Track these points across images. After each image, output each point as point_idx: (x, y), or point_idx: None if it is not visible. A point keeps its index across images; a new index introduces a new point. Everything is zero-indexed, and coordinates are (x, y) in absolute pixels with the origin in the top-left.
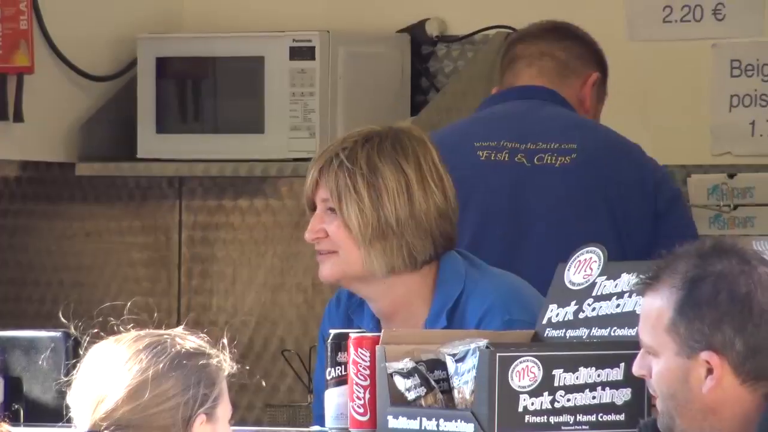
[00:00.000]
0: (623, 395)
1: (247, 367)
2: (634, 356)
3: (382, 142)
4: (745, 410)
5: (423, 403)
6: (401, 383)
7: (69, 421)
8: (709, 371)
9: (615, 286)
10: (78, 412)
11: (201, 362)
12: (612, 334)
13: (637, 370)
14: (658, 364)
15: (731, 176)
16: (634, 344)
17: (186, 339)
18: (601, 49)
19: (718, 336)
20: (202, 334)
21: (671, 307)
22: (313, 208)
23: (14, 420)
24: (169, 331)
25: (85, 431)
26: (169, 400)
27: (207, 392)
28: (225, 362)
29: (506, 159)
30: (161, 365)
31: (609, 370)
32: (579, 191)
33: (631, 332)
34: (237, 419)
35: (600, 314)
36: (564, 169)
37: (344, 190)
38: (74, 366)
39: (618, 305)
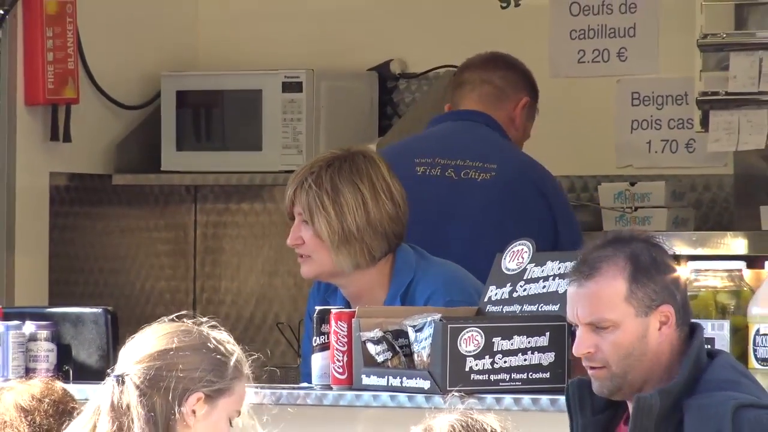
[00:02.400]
0: (548, 358)
1: (257, 354)
2: (557, 327)
3: (341, 166)
4: (674, 349)
5: (390, 364)
6: (372, 348)
7: None
8: (663, 322)
9: (542, 272)
10: (119, 365)
11: (218, 357)
12: (539, 309)
13: (583, 349)
14: (615, 333)
15: (632, 184)
16: (557, 317)
17: (215, 336)
18: (533, 77)
19: (666, 292)
20: (231, 343)
21: (625, 280)
22: (292, 218)
23: (65, 379)
24: (205, 329)
25: (114, 374)
26: (180, 371)
27: (213, 380)
28: (243, 366)
29: (438, 173)
30: (184, 345)
31: (537, 338)
32: (494, 204)
33: (554, 308)
34: None
35: (530, 294)
36: (484, 184)
37: (314, 207)
38: (113, 335)
39: (544, 287)
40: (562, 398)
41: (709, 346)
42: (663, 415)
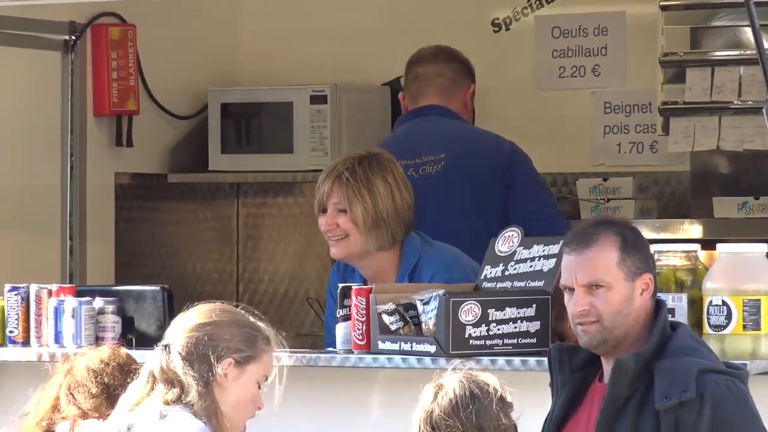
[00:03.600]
0: (535, 326)
1: (284, 334)
2: (542, 300)
3: (370, 162)
4: (648, 312)
5: (401, 332)
6: (386, 319)
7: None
8: (644, 288)
9: (529, 254)
10: (166, 336)
11: (247, 330)
12: (527, 285)
13: (580, 306)
14: (608, 293)
15: (605, 180)
16: (542, 292)
17: (250, 316)
18: (471, 64)
19: (648, 262)
20: (262, 321)
21: (617, 250)
22: (323, 210)
23: (128, 346)
24: (242, 311)
25: (162, 343)
26: (215, 340)
27: (242, 348)
28: (271, 340)
29: (410, 173)
30: (220, 320)
31: (525, 309)
32: (448, 190)
33: (540, 284)
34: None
35: (519, 272)
36: (437, 175)
37: (352, 196)
38: (168, 309)
39: (531, 266)
40: (546, 360)
41: (671, 317)
42: (636, 375)
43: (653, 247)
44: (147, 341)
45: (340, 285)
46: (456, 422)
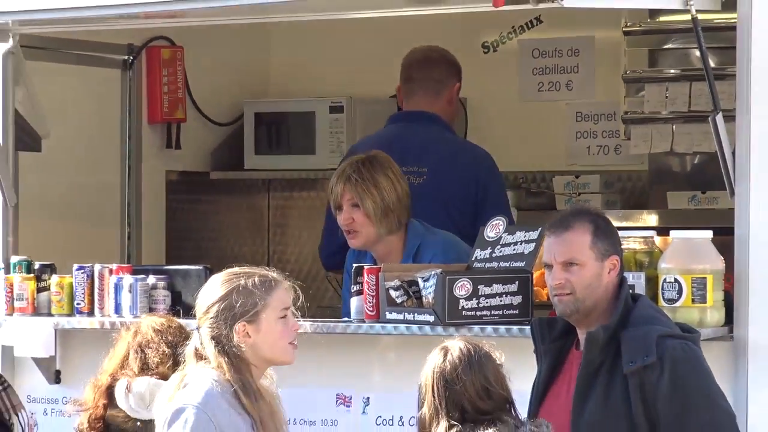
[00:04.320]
0: (517, 299)
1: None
2: (524, 278)
3: (372, 163)
4: (614, 288)
5: (405, 304)
6: (393, 293)
7: None
8: (611, 268)
9: (513, 239)
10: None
11: (244, 290)
12: (511, 265)
13: (557, 280)
14: (582, 270)
15: (577, 177)
16: (524, 271)
17: (245, 274)
18: (456, 61)
19: (616, 247)
20: (277, 273)
21: (590, 234)
22: (339, 208)
23: (177, 316)
24: (256, 269)
25: (196, 327)
26: (223, 315)
27: (246, 309)
28: (272, 282)
29: None
30: (221, 295)
31: (509, 285)
32: (428, 199)
33: (522, 264)
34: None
35: (504, 254)
36: (420, 185)
37: (362, 192)
38: None
39: (514, 249)
40: (527, 328)
41: (631, 291)
42: (605, 343)
43: (624, 234)
44: (192, 312)
45: (354, 265)
46: (466, 374)
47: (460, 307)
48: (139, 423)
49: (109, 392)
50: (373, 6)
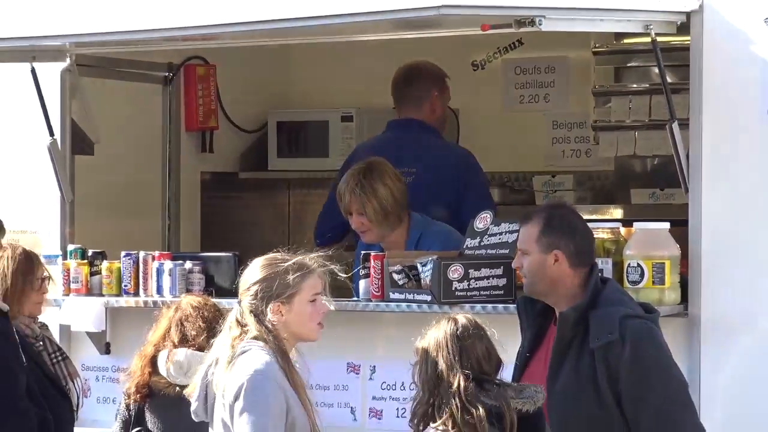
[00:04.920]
0: (502, 282)
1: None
2: (507, 263)
3: (371, 172)
4: (572, 282)
5: (407, 286)
6: (395, 276)
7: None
8: (555, 260)
9: (498, 230)
10: (240, 290)
11: (283, 274)
12: (497, 252)
13: (515, 264)
14: (529, 258)
15: (553, 176)
16: (508, 257)
17: (286, 260)
18: (436, 71)
19: (559, 242)
20: (314, 258)
21: (538, 229)
22: (350, 214)
23: (210, 296)
24: (288, 256)
25: (237, 301)
26: (263, 293)
27: (283, 291)
28: (307, 271)
29: None
30: (263, 276)
31: (495, 269)
32: (417, 196)
33: (506, 251)
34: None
35: (491, 243)
36: (410, 184)
37: (364, 202)
38: (237, 269)
39: (499, 239)
40: (512, 306)
41: (601, 275)
42: (576, 322)
43: (594, 225)
44: (223, 293)
45: (363, 252)
46: (473, 336)
47: (453, 288)
48: (178, 388)
49: (153, 361)
50: (378, 30)
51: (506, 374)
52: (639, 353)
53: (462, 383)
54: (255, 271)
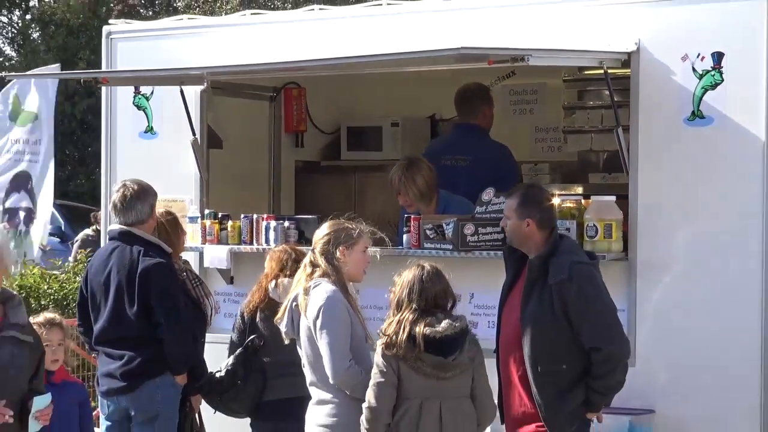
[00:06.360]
0: (500, 236)
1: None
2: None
3: (411, 167)
4: (539, 239)
5: (435, 239)
6: (428, 232)
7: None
8: (527, 225)
9: (498, 201)
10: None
11: (351, 232)
12: (497, 216)
13: (503, 224)
14: (509, 222)
15: (535, 164)
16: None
17: (354, 225)
18: (485, 90)
19: (530, 212)
20: (366, 226)
21: (516, 202)
22: (399, 194)
23: (300, 245)
24: (351, 223)
25: (310, 248)
26: (333, 239)
27: (348, 240)
28: (363, 232)
29: (450, 163)
30: (333, 230)
31: (496, 228)
32: (468, 177)
33: (503, 216)
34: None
35: (493, 210)
36: (463, 167)
37: (408, 188)
38: (318, 227)
39: (498, 207)
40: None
41: (560, 233)
42: (540, 268)
43: (560, 198)
44: (309, 242)
45: (405, 215)
46: (433, 279)
47: (467, 241)
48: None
49: (264, 287)
50: (418, 64)
51: (494, 300)
52: (582, 288)
53: (408, 315)
54: (326, 227)
